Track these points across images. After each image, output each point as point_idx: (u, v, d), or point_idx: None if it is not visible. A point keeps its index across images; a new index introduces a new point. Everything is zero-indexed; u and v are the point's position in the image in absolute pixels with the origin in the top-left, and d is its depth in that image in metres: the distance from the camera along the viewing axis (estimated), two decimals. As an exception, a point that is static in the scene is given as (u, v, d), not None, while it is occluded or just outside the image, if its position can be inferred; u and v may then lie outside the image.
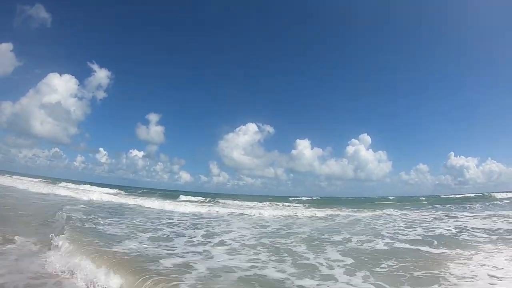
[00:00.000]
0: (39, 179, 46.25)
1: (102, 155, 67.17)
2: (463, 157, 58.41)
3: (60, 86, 53.57)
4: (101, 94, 59.89)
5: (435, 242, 8.82)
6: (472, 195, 41.48)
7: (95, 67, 58.79)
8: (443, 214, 17.19)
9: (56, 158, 68.62)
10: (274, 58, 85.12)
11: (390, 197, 43.36)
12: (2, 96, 72.14)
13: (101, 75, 58.56)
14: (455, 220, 14.43)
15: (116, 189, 42.53)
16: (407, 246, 8.57)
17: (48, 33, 64.96)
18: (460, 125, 72.54)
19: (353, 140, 58.91)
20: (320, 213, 19.84)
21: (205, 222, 13.76)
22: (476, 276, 5.57)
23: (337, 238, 9.99)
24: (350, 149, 59.34)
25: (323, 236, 10.40)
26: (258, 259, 6.78)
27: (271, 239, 9.43)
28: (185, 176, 68.53)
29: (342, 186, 65.94)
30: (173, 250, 7.21)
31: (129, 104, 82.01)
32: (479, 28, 69.24)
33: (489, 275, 5.55)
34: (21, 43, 66.11)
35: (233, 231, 11.16)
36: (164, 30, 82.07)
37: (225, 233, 10.66)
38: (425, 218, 15.73)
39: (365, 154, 58.01)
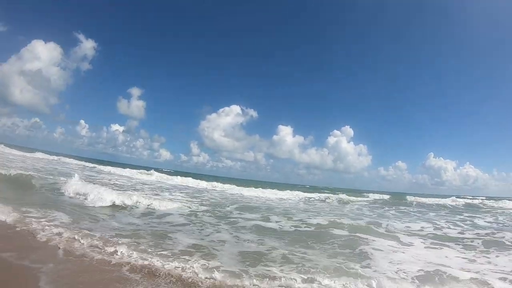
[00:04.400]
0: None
1: (82, 128, 65.38)
2: (442, 158, 60.43)
3: (43, 54, 52.25)
4: (85, 66, 59.58)
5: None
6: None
7: (81, 37, 58.45)
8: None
9: (36, 129, 66.52)
10: (263, 44, 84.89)
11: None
12: (-18, 62, 66.22)
13: (87, 46, 58.10)
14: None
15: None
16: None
17: None
18: (443, 127, 75.13)
19: (335, 131, 59.87)
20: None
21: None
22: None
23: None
24: (331, 139, 60.27)
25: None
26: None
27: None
28: (165, 154, 68.05)
29: (320, 175, 67.23)
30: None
31: (113, 77, 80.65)
32: (464, 34, 70.35)
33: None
34: (6, 7, 63.10)
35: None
36: (154, 9, 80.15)
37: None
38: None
39: (346, 146, 59.14)
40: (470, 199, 29.72)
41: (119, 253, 4.85)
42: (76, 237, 5.41)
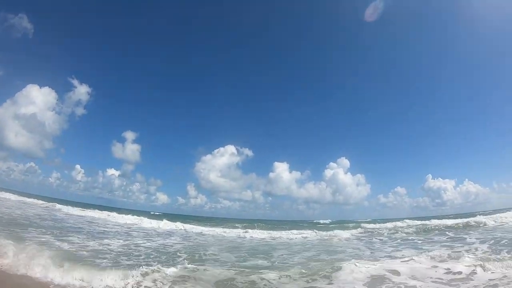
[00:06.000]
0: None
1: (78, 172, 64.21)
2: (440, 179, 59.77)
3: (38, 99, 52.15)
4: (80, 111, 58.85)
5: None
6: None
7: (75, 82, 58.00)
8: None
9: (31, 173, 64.27)
10: (254, 83, 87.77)
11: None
12: (-23, 106, 68.46)
13: (81, 90, 57.81)
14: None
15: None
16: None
17: (30, 44, 63.89)
18: (438, 147, 75.24)
19: (331, 163, 59.52)
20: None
21: None
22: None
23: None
24: (328, 172, 59.75)
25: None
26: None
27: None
28: (162, 198, 66.39)
29: (320, 209, 65.54)
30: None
31: (107, 121, 79.42)
32: (451, 50, 74.69)
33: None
34: (2, 52, 63.15)
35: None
36: (146, 50, 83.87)
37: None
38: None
39: (344, 178, 58.42)
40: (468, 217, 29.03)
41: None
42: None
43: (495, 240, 13.09)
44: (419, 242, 15.11)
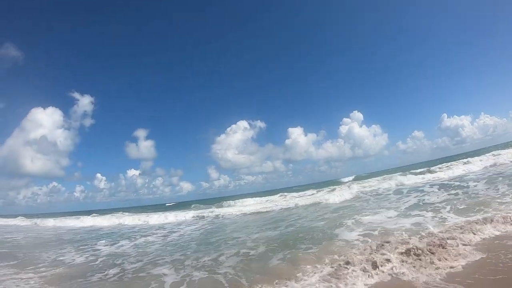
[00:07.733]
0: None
1: (100, 181, 67.32)
2: (456, 116, 57.79)
3: (44, 120, 54.09)
4: (88, 121, 61.29)
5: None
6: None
7: (76, 95, 60.29)
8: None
9: (55, 193, 68.16)
10: (255, 56, 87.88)
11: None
12: (-13, 142, 66.60)
13: (85, 102, 59.83)
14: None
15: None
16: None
17: (23, 70, 66.77)
18: (448, 85, 72.26)
19: (344, 119, 59.28)
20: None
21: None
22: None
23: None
24: (343, 128, 59.76)
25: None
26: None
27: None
28: (186, 186, 69.71)
29: (342, 167, 65.97)
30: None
31: (117, 124, 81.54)
32: None
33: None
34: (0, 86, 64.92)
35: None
36: (141, 42, 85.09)
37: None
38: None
39: (359, 131, 58.31)
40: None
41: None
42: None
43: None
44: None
